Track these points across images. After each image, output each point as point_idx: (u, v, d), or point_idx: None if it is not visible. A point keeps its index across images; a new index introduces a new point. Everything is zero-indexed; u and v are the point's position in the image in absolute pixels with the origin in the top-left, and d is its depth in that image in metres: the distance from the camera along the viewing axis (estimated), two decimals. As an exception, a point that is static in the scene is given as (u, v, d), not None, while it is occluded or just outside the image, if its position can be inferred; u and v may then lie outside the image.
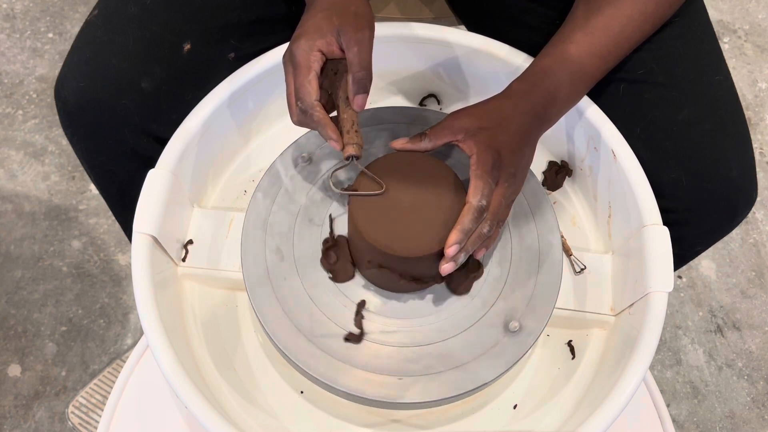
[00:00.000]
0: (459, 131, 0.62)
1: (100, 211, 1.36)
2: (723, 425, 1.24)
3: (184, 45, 0.72)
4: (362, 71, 0.60)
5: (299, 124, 0.63)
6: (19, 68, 1.53)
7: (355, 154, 0.61)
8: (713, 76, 0.75)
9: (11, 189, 1.38)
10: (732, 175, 0.72)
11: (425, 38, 0.78)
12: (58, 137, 1.44)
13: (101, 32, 0.72)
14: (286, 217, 0.68)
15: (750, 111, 1.59)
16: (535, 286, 0.66)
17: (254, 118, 0.79)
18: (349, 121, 0.61)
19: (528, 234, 0.68)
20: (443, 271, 0.59)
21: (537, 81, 0.67)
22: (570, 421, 0.67)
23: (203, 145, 0.73)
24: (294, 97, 0.61)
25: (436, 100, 0.86)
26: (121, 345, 1.24)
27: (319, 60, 0.61)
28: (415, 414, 0.68)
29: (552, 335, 0.72)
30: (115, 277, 1.30)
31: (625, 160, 0.71)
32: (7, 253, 1.30)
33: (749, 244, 1.42)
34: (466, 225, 0.58)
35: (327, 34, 0.60)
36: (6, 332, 1.24)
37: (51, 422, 1.17)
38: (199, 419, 0.58)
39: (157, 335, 0.60)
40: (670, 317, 1.33)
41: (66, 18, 1.61)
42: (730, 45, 1.68)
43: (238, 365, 0.69)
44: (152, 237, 0.65)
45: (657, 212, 0.69)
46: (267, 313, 0.63)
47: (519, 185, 0.64)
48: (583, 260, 0.73)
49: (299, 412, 0.67)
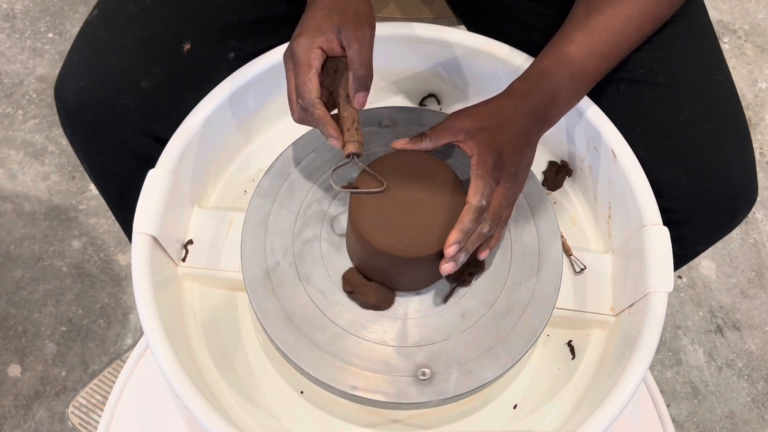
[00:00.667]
0: (460, 132, 0.62)
1: (100, 211, 1.36)
2: (723, 425, 1.24)
3: (184, 45, 0.72)
4: (363, 69, 0.60)
5: (300, 122, 0.63)
6: (19, 68, 1.53)
7: (356, 152, 0.61)
8: (713, 76, 0.75)
9: (11, 189, 1.38)
10: (732, 175, 0.72)
11: (425, 38, 0.78)
12: (58, 137, 1.44)
13: (101, 32, 0.72)
14: (287, 217, 0.68)
15: (750, 111, 1.59)
16: (535, 286, 0.66)
17: (254, 117, 0.79)
18: (350, 118, 0.61)
19: (528, 234, 0.68)
20: (443, 271, 0.59)
21: (538, 81, 0.67)
22: (570, 421, 0.67)
23: (203, 145, 0.73)
24: (295, 95, 0.61)
25: (436, 100, 0.86)
26: (121, 345, 1.24)
27: (319, 57, 0.61)
28: (415, 414, 0.68)
29: (552, 335, 0.72)
30: (115, 277, 1.30)
31: (625, 160, 0.71)
32: (7, 253, 1.30)
33: (749, 244, 1.42)
34: (466, 225, 0.58)
35: (327, 31, 0.60)
36: (6, 332, 1.24)
37: (51, 422, 1.17)
38: (199, 419, 0.58)
39: (157, 335, 0.60)
40: (670, 317, 1.33)
41: (66, 18, 1.61)
42: (730, 45, 1.68)
43: (238, 365, 0.69)
44: (152, 237, 0.65)
45: (657, 212, 0.69)
46: (267, 313, 0.63)
47: (520, 185, 0.64)
48: (583, 260, 0.73)
49: (299, 412, 0.67)
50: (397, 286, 0.65)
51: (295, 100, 0.61)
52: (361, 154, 0.61)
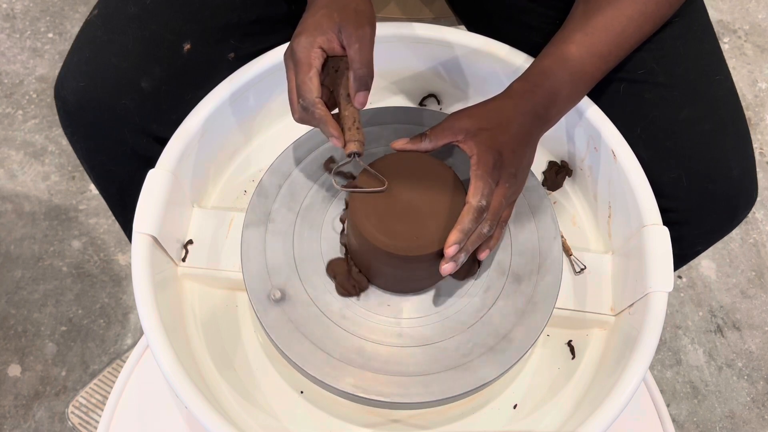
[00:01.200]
0: (459, 132, 0.62)
1: (100, 211, 1.36)
2: (723, 425, 1.24)
3: (184, 45, 0.72)
4: (363, 68, 0.60)
5: (301, 122, 0.63)
6: (19, 68, 1.53)
7: (357, 151, 0.61)
8: (713, 76, 0.75)
9: (11, 189, 1.38)
10: (732, 174, 0.72)
11: (425, 38, 0.78)
12: (58, 137, 1.44)
13: (101, 32, 0.72)
14: (287, 217, 0.68)
15: (750, 111, 1.59)
16: (535, 286, 0.66)
17: (254, 117, 0.79)
18: (351, 118, 0.61)
19: (528, 234, 0.68)
20: (443, 271, 0.59)
21: (538, 81, 0.67)
22: (570, 421, 0.67)
23: (203, 145, 0.73)
24: (295, 95, 0.61)
25: (436, 100, 0.86)
26: (121, 345, 1.24)
27: (319, 57, 0.61)
28: (415, 414, 0.68)
29: (552, 335, 0.72)
30: (115, 277, 1.30)
31: (625, 160, 0.71)
32: (7, 253, 1.30)
33: (749, 244, 1.42)
34: (466, 225, 0.58)
35: (328, 31, 0.60)
36: (6, 332, 1.24)
37: (51, 422, 1.17)
38: (199, 419, 0.58)
39: (157, 335, 0.60)
40: (670, 317, 1.33)
41: (66, 18, 1.61)
42: (730, 45, 1.68)
43: (238, 365, 0.69)
44: (152, 237, 0.65)
45: (657, 212, 0.69)
46: (267, 313, 0.63)
47: (520, 185, 0.64)
48: (583, 260, 0.73)
49: (299, 412, 0.67)
50: (396, 286, 0.65)
51: (295, 99, 0.61)
52: (362, 154, 0.61)
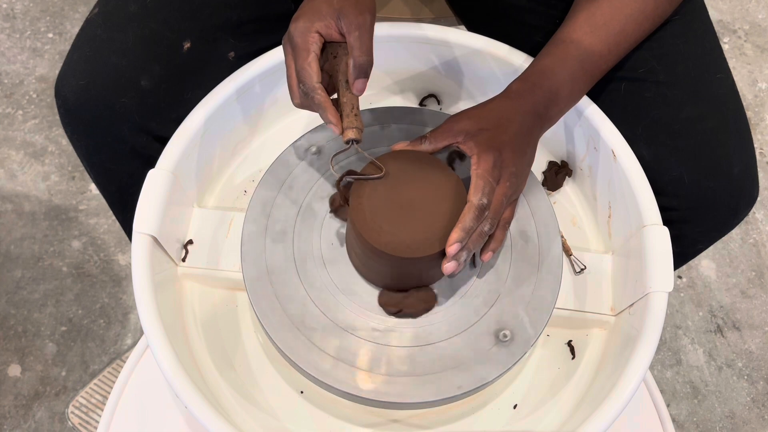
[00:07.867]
0: (459, 133, 0.62)
1: (100, 211, 1.36)
2: (723, 425, 1.24)
3: (184, 43, 0.72)
4: (363, 56, 0.60)
5: (300, 107, 0.63)
6: (19, 68, 1.53)
7: (355, 138, 0.61)
8: (714, 74, 0.75)
9: (11, 189, 1.38)
10: (734, 172, 0.72)
11: (425, 38, 0.78)
12: (58, 137, 1.44)
13: (101, 30, 0.72)
14: (287, 217, 0.68)
15: (750, 111, 1.59)
16: (535, 286, 0.66)
17: (254, 117, 0.79)
18: (349, 104, 0.61)
19: (528, 234, 0.68)
20: (446, 271, 0.59)
21: (538, 81, 0.67)
22: (570, 421, 0.66)
23: (203, 144, 0.73)
24: (295, 80, 0.61)
25: (436, 100, 0.86)
26: (121, 345, 1.24)
27: (317, 42, 0.60)
28: (415, 414, 0.67)
29: (552, 335, 0.72)
30: (115, 277, 1.30)
31: (625, 159, 0.71)
32: (7, 253, 1.30)
33: (749, 244, 1.42)
34: (467, 224, 0.58)
35: (326, 16, 0.60)
36: (6, 332, 1.24)
37: (51, 422, 1.16)
38: (199, 419, 0.58)
39: (157, 335, 0.60)
40: (670, 317, 1.33)
41: (66, 18, 1.61)
42: (730, 45, 1.68)
43: (238, 365, 0.69)
44: (152, 237, 0.65)
45: (657, 212, 0.69)
46: (267, 313, 0.63)
47: (521, 184, 0.64)
48: (583, 260, 0.73)
49: (299, 412, 0.67)
50: (398, 286, 0.65)
51: (295, 84, 0.61)
52: (360, 140, 0.61)
